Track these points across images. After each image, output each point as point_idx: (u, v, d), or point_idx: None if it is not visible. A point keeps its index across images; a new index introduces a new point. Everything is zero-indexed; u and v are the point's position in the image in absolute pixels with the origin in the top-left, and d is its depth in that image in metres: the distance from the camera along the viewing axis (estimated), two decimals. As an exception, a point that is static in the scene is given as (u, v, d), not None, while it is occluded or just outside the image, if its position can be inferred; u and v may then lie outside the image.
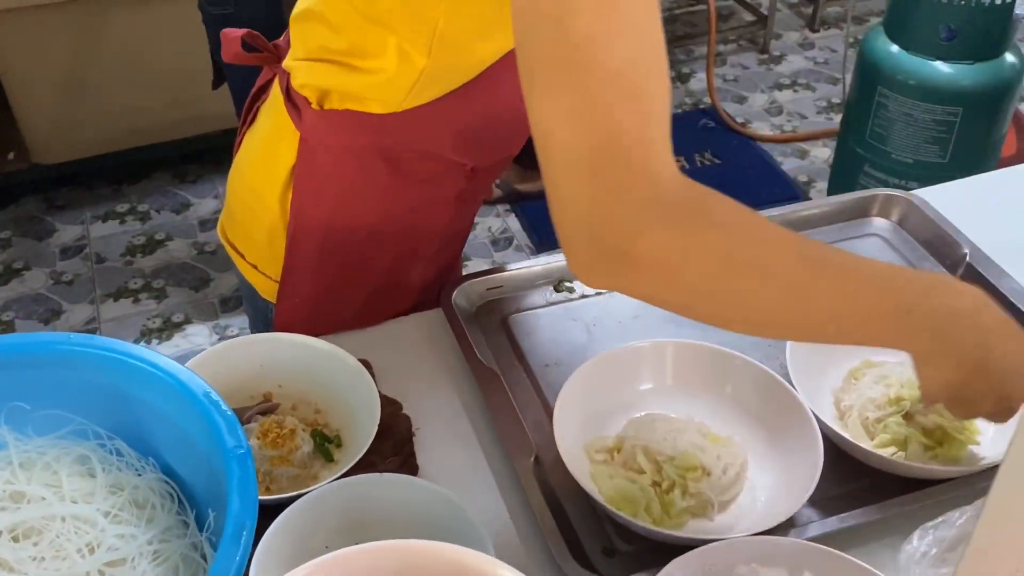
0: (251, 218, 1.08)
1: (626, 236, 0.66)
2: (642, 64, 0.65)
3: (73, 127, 2.76)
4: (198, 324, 2.53)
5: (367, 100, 0.95)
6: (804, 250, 0.73)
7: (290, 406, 0.98)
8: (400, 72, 0.91)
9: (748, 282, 0.70)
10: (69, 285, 2.64)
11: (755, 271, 0.70)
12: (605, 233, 0.66)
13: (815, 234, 1.21)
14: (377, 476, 0.86)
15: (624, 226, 0.66)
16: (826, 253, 0.74)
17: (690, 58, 3.57)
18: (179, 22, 2.67)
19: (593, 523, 0.89)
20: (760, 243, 0.71)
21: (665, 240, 0.67)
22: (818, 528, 0.85)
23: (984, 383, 0.79)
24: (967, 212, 1.20)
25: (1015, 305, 1.07)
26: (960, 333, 0.76)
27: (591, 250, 0.68)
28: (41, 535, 0.76)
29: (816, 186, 2.96)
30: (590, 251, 0.68)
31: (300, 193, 1.01)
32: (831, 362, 1.01)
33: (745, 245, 0.70)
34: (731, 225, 0.70)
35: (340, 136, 0.98)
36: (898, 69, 2.25)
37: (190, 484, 0.82)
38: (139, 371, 0.80)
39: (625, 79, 0.65)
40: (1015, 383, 0.80)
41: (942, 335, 0.76)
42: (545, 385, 1.02)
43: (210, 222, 2.84)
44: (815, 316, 0.73)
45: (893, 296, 0.74)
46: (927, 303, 0.75)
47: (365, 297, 1.08)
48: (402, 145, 0.98)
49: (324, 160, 0.99)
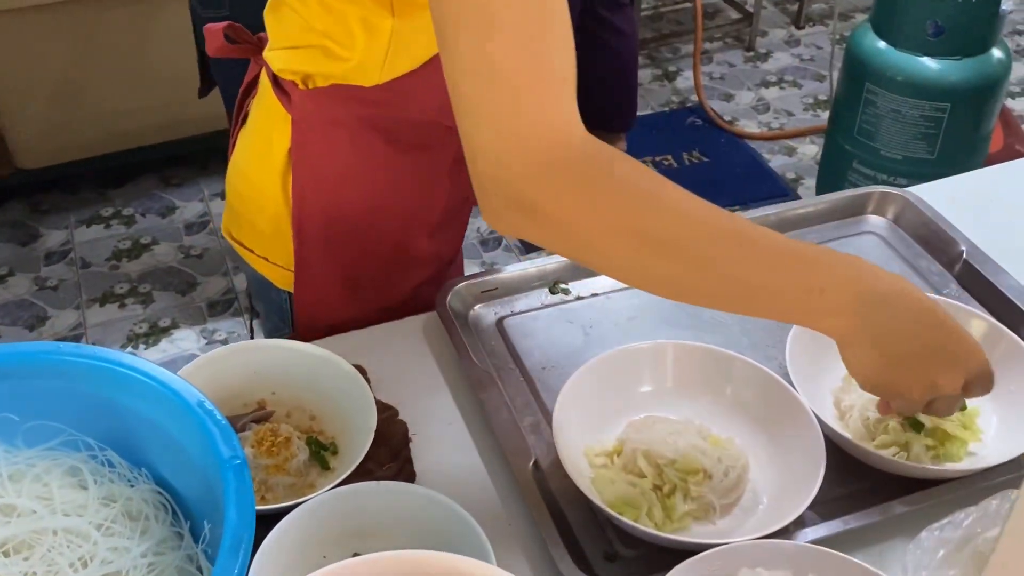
0: (254, 211, 1.09)
1: (529, 188, 0.69)
2: (544, 24, 0.68)
3: (57, 131, 2.73)
4: (185, 328, 2.50)
5: (349, 76, 0.95)
6: (715, 220, 0.73)
7: (284, 413, 0.97)
8: (371, 44, 0.92)
9: (647, 246, 0.71)
10: (54, 290, 2.61)
11: (655, 236, 0.71)
12: (510, 184, 0.69)
13: (810, 232, 1.20)
14: (375, 484, 0.85)
15: (527, 179, 0.69)
16: (741, 226, 0.74)
17: (676, 56, 3.57)
18: (163, 26, 2.65)
19: (594, 528, 0.88)
20: (664, 209, 0.72)
21: (566, 194, 0.69)
22: (822, 530, 0.85)
23: (910, 370, 0.79)
24: (962, 209, 1.20)
25: (1013, 302, 1.06)
26: (882, 317, 0.76)
27: (498, 199, 0.71)
28: (32, 549, 0.75)
29: (804, 183, 2.96)
30: (497, 200, 0.71)
31: (299, 177, 1.01)
32: (831, 362, 1.00)
33: (648, 210, 0.71)
34: (635, 188, 0.71)
35: (330, 112, 0.98)
36: (886, 65, 2.25)
37: (184, 495, 0.80)
38: (131, 380, 0.79)
39: (527, 38, 0.68)
40: (943, 370, 0.80)
41: (861, 318, 0.76)
42: (542, 388, 1.01)
43: (196, 225, 2.82)
44: (720, 286, 0.74)
45: (808, 275, 0.74)
46: (848, 286, 0.75)
47: (379, 272, 1.09)
48: (392, 114, 0.99)
49: (318, 139, 1.00)
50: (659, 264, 0.73)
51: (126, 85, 2.71)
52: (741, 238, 0.74)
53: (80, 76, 2.66)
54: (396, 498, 0.84)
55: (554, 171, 0.69)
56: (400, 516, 0.84)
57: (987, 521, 0.79)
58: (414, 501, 0.84)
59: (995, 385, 0.96)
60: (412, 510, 0.84)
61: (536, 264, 1.13)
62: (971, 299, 1.10)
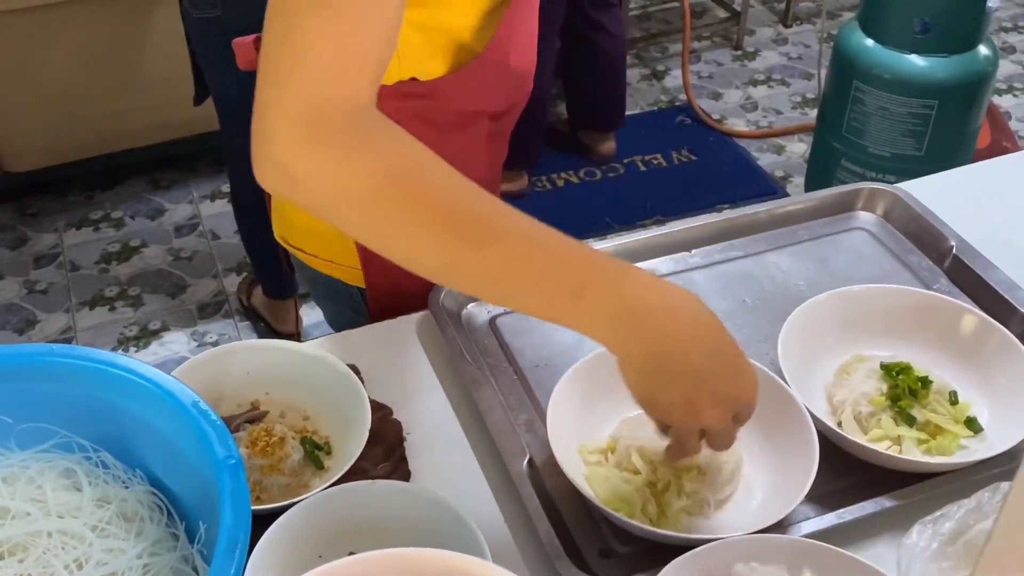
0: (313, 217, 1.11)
1: (286, 151, 0.72)
2: (357, 14, 0.72)
3: (45, 134, 2.72)
4: (176, 331, 2.50)
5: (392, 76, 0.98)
6: (476, 203, 0.73)
7: (278, 413, 0.97)
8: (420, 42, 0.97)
9: (396, 223, 0.72)
10: (43, 294, 2.60)
11: (405, 214, 0.72)
12: (270, 145, 0.73)
13: (801, 228, 1.21)
14: (370, 483, 0.85)
15: (285, 142, 0.72)
16: (505, 213, 0.74)
17: (665, 55, 3.57)
18: (152, 28, 2.65)
19: (589, 525, 0.88)
20: (421, 189, 0.73)
21: (318, 161, 0.72)
22: (815, 524, 0.85)
23: (668, 390, 0.75)
24: (951, 205, 1.20)
25: (1002, 296, 1.07)
26: (642, 332, 0.73)
27: (259, 157, 0.73)
28: (27, 551, 0.74)
29: (793, 181, 2.97)
30: (259, 157, 0.74)
31: None
32: (822, 357, 1.01)
33: (403, 188, 0.72)
34: (393, 163, 0.73)
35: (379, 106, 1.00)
36: (873, 63, 2.26)
37: (179, 496, 0.80)
38: (125, 382, 0.79)
39: (327, 13, 0.71)
40: (708, 398, 0.75)
41: (616, 330, 0.73)
42: (536, 386, 1.01)
43: (186, 228, 2.81)
44: (470, 270, 0.74)
45: (569, 275, 0.73)
46: (608, 294, 0.73)
47: None
48: (436, 105, 1.02)
49: None
50: (407, 235, 0.73)
51: (114, 88, 2.70)
52: (501, 225, 0.73)
53: (68, 79, 2.65)
54: (391, 497, 0.85)
55: (315, 139, 0.72)
56: (395, 515, 0.84)
57: (979, 513, 0.79)
58: (409, 500, 0.84)
59: (986, 378, 0.98)
60: (407, 509, 0.84)
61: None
62: (961, 294, 1.11)
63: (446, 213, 0.73)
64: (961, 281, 1.12)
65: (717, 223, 1.20)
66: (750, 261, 1.17)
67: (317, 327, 2.52)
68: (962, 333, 1.01)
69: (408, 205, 0.72)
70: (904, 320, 1.03)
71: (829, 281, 1.12)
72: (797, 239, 1.20)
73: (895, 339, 1.02)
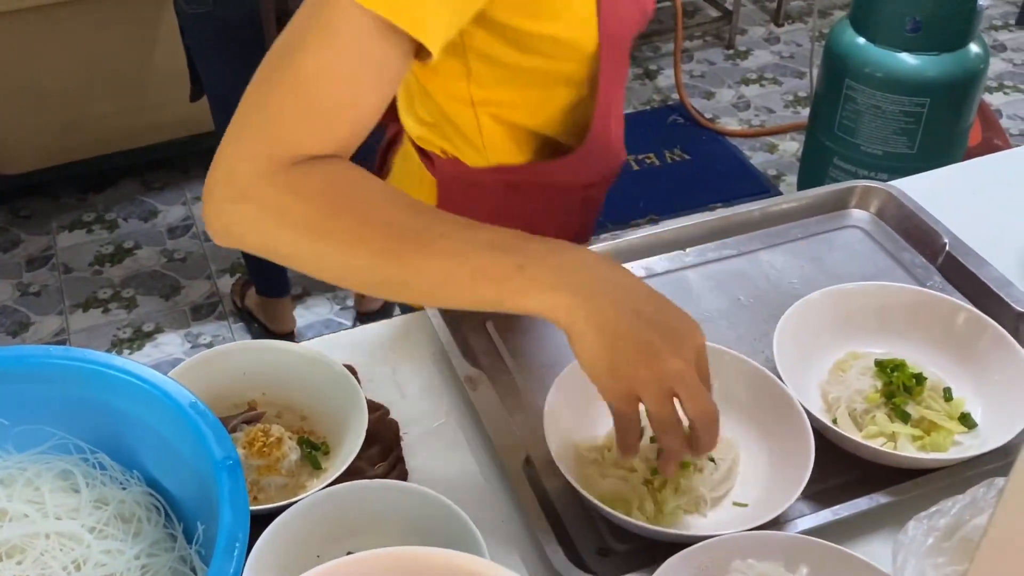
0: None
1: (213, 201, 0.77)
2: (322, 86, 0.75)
3: (38, 136, 2.71)
4: (170, 333, 2.50)
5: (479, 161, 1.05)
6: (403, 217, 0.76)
7: (275, 414, 0.97)
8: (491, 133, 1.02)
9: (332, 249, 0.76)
10: (37, 296, 2.60)
11: (338, 241, 0.76)
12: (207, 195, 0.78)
13: (794, 227, 1.21)
14: (367, 483, 0.85)
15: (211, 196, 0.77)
16: (430, 219, 0.77)
17: (657, 55, 3.58)
18: (144, 30, 2.64)
19: (587, 523, 0.89)
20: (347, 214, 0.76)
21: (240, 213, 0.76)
22: (812, 521, 0.85)
23: (632, 348, 0.74)
24: (944, 202, 1.21)
25: (996, 293, 1.08)
26: (592, 287, 0.75)
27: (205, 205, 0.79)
28: (25, 553, 0.74)
29: (786, 179, 2.98)
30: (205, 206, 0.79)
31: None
32: (817, 355, 1.01)
33: (329, 218, 0.76)
34: (319, 199, 0.76)
35: (472, 176, 1.05)
36: (865, 61, 2.27)
37: (177, 497, 0.80)
38: (121, 383, 0.79)
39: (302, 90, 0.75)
40: (667, 345, 0.75)
41: (567, 289, 0.74)
42: (532, 385, 1.01)
43: (179, 229, 2.81)
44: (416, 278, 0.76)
45: (503, 254, 0.75)
46: (546, 259, 0.75)
47: None
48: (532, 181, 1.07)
49: (461, 196, 1.05)
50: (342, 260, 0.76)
51: (107, 90, 2.70)
52: (437, 228, 0.76)
53: (61, 82, 2.64)
54: (389, 496, 0.85)
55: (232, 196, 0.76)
56: (393, 514, 0.84)
57: (974, 509, 0.80)
58: (407, 499, 0.84)
59: (980, 374, 0.98)
60: (405, 508, 0.84)
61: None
62: (954, 291, 1.11)
63: (379, 226, 0.76)
64: (954, 278, 1.13)
65: (711, 222, 1.20)
66: (744, 260, 1.18)
67: (311, 328, 2.52)
68: (956, 330, 1.01)
69: (340, 242, 0.76)
70: (898, 317, 1.03)
71: (823, 279, 1.12)
72: (791, 237, 1.20)
73: (889, 336, 1.03)
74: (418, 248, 0.75)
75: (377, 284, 0.78)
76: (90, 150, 2.80)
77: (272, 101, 0.76)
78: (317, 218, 0.76)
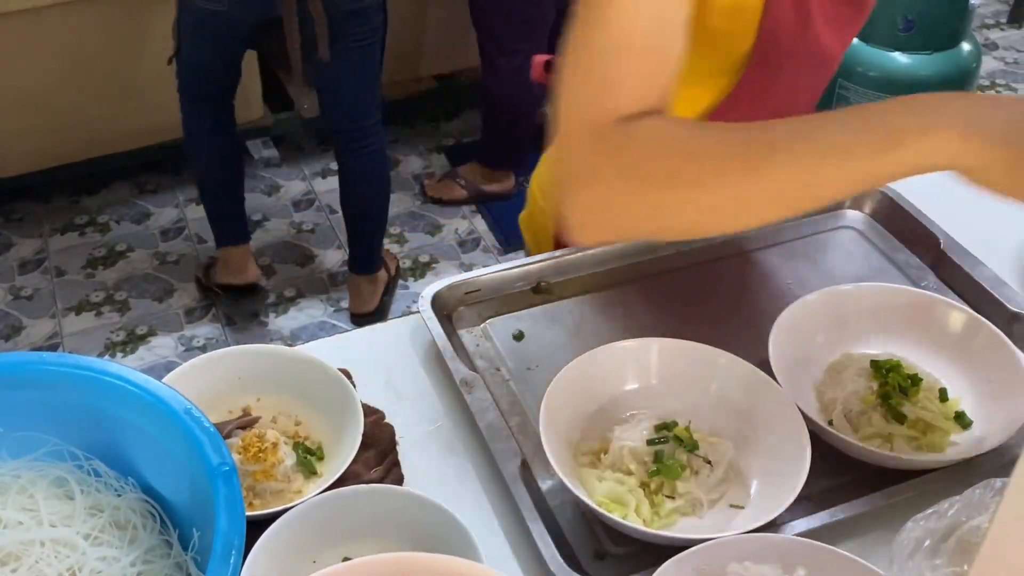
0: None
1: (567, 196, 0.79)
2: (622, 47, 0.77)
3: (30, 139, 2.70)
4: (163, 335, 2.49)
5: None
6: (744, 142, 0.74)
7: (270, 419, 0.96)
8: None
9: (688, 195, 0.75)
10: (29, 300, 2.59)
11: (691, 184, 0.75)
12: (561, 200, 0.79)
13: (789, 229, 1.21)
14: (363, 487, 0.85)
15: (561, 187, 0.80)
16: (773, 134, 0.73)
17: (650, 54, 3.58)
18: (136, 32, 2.63)
19: (583, 526, 0.89)
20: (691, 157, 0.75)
21: (590, 194, 0.78)
22: (808, 523, 0.85)
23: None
24: (939, 203, 1.21)
25: (990, 293, 1.08)
26: (979, 107, 0.67)
27: (564, 216, 0.79)
28: (20, 561, 0.74)
29: (779, 179, 2.98)
30: (566, 217, 0.80)
31: None
32: (812, 356, 1.01)
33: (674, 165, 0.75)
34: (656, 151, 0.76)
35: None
36: (858, 61, 2.27)
37: (172, 503, 0.80)
38: (116, 389, 0.78)
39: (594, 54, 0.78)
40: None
41: (961, 116, 0.66)
42: (528, 388, 1.01)
43: (172, 231, 2.80)
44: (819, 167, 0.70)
45: (882, 117, 0.69)
46: (924, 99, 0.68)
47: None
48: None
49: None
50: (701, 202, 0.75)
51: (99, 92, 2.69)
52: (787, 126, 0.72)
53: (52, 84, 2.63)
54: (385, 501, 0.84)
55: (580, 173, 0.78)
56: (389, 519, 0.84)
57: (971, 510, 0.80)
58: (403, 504, 0.84)
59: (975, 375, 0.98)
60: (401, 513, 0.84)
61: (519, 265, 1.13)
62: (949, 291, 1.11)
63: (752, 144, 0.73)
64: (949, 278, 1.13)
65: (706, 223, 1.20)
66: (739, 260, 1.18)
67: (305, 330, 2.51)
68: (951, 330, 1.02)
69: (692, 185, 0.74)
70: (893, 318, 1.03)
71: (818, 280, 1.12)
72: (786, 238, 1.20)
73: (885, 337, 1.03)
74: (795, 142, 0.71)
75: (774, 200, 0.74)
76: (82, 152, 2.79)
77: (593, 71, 0.78)
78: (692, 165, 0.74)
